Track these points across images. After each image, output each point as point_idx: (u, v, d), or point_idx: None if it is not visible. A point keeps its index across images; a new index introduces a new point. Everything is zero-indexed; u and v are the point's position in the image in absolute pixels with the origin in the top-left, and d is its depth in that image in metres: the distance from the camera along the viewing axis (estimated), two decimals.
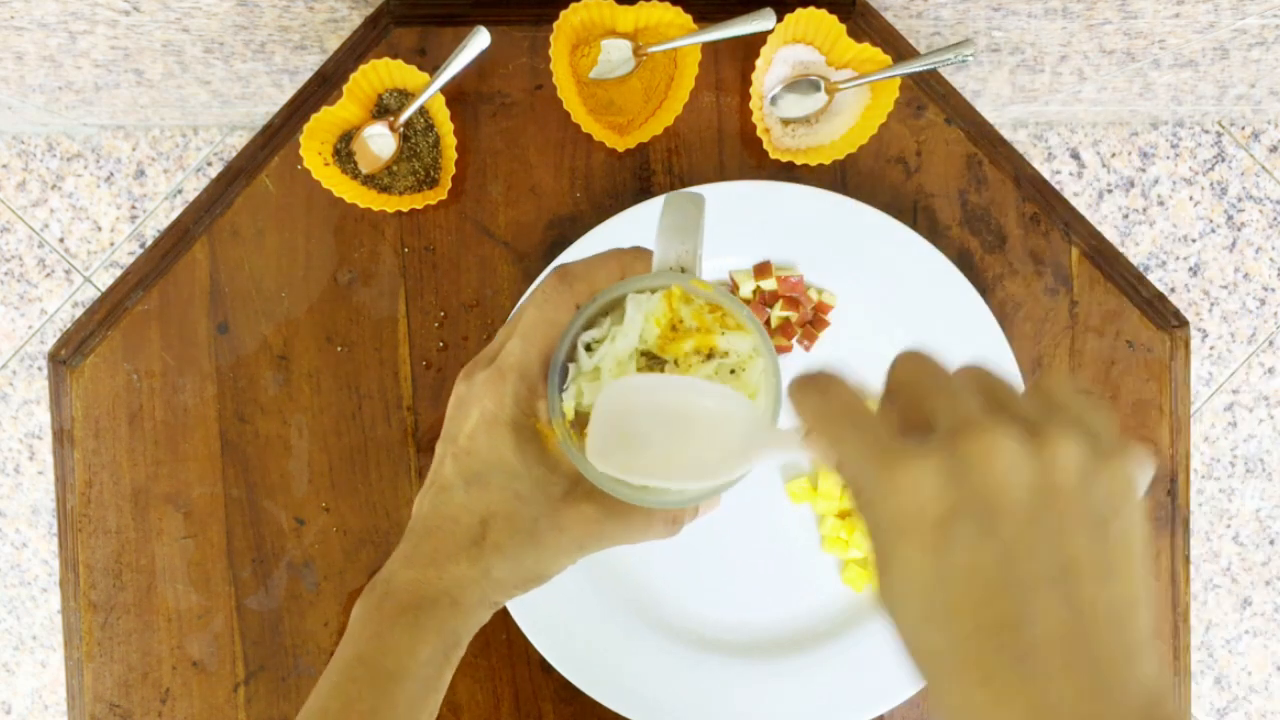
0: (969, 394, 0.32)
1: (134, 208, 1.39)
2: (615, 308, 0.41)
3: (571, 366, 0.41)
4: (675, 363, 0.40)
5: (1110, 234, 1.43)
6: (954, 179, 0.69)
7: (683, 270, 0.40)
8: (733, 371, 0.41)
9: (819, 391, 0.34)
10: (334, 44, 0.90)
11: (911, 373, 0.33)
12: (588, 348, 0.40)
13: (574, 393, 0.40)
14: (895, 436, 0.31)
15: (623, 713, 0.65)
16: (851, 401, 0.33)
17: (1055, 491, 0.29)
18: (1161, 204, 1.43)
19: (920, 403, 0.32)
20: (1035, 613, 0.29)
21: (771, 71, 0.67)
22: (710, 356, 0.40)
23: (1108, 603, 0.29)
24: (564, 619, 0.65)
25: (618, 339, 0.40)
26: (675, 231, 0.40)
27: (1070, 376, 0.31)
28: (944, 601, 0.30)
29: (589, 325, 0.40)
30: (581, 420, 0.40)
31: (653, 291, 0.41)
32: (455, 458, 0.41)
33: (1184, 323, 0.69)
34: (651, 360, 0.40)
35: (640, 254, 0.42)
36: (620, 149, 0.67)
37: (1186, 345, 0.69)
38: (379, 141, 0.66)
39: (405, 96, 0.67)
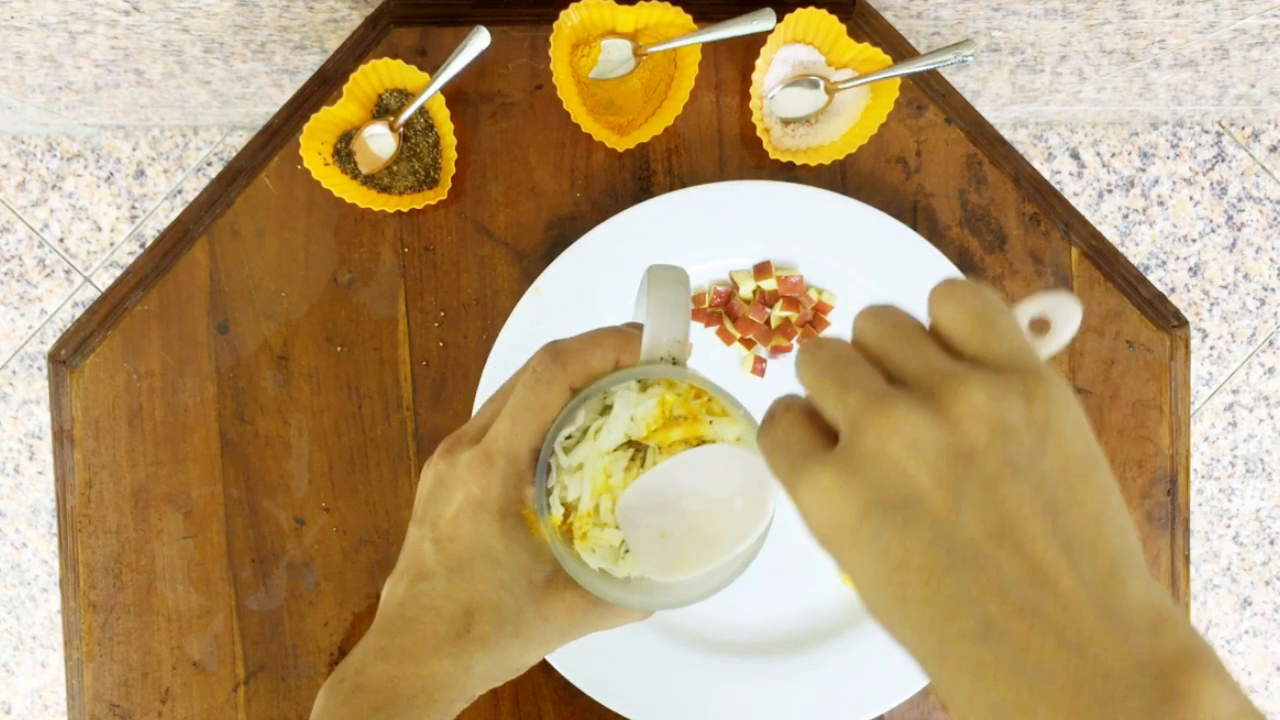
0: (865, 368, 0.30)
1: (134, 208, 1.39)
2: (595, 396, 0.39)
3: (552, 461, 0.39)
4: (658, 448, 0.39)
5: (1110, 234, 1.43)
6: (954, 179, 0.69)
7: (674, 361, 0.38)
8: None
9: (815, 348, 0.32)
10: (334, 44, 0.90)
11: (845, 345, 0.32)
12: (567, 439, 0.39)
13: (559, 490, 0.39)
14: (801, 453, 0.30)
15: (623, 713, 0.65)
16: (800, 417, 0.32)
17: (969, 454, 0.28)
18: (1161, 204, 1.43)
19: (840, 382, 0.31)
20: (982, 584, 0.27)
21: (771, 71, 0.67)
22: (699, 444, 0.39)
23: (1064, 536, 0.27)
24: None
25: (601, 435, 0.39)
26: (666, 313, 0.38)
27: (962, 293, 0.32)
28: (897, 598, 0.28)
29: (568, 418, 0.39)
30: (568, 514, 0.39)
31: (642, 385, 0.39)
32: (437, 543, 0.39)
33: (1184, 323, 0.69)
34: (635, 448, 0.39)
35: (634, 336, 0.39)
36: (620, 149, 0.67)
37: (1186, 345, 0.69)
38: (379, 141, 0.66)
39: (405, 96, 0.67)
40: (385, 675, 0.39)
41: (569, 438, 0.39)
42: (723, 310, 0.67)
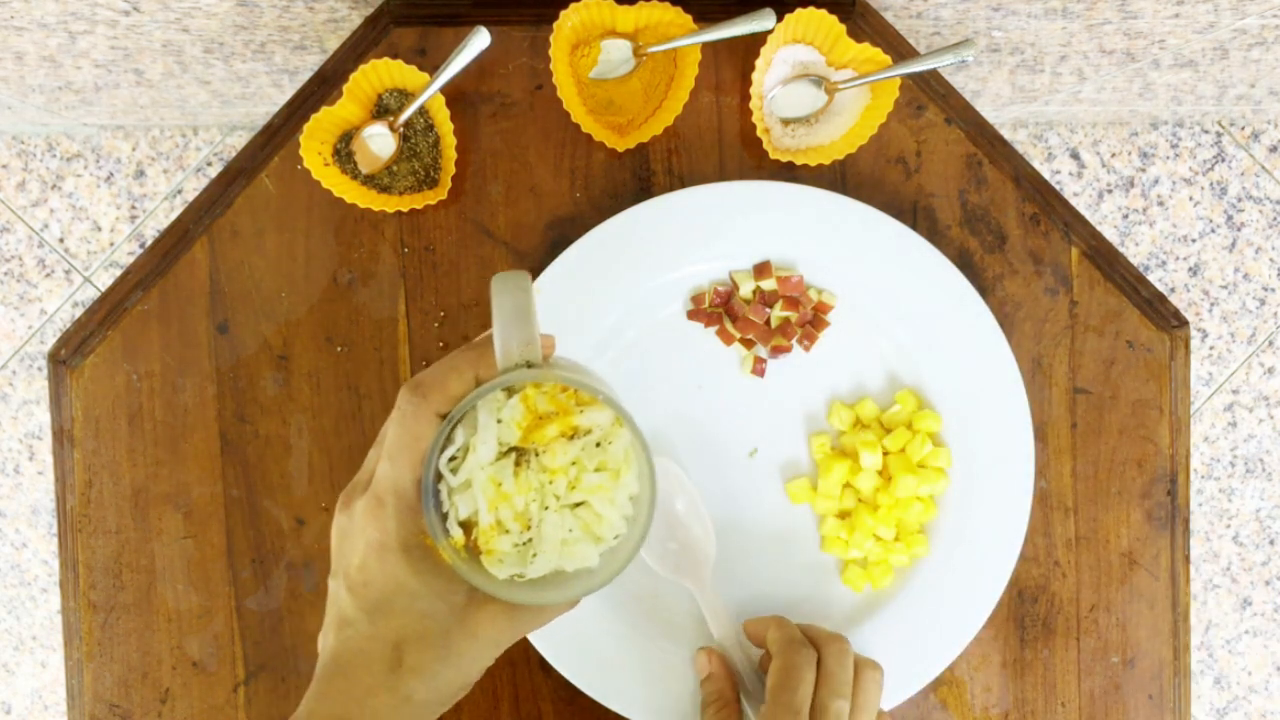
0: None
1: (134, 208, 1.39)
2: (468, 415, 0.41)
3: (441, 487, 0.41)
4: (537, 452, 0.41)
5: (1110, 234, 1.43)
6: (954, 179, 0.69)
7: (529, 364, 0.40)
8: (599, 445, 0.41)
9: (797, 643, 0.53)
10: (334, 44, 0.91)
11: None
12: (450, 460, 0.41)
13: (452, 511, 0.41)
14: None
15: (622, 712, 0.65)
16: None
17: None
18: (1161, 204, 1.43)
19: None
20: None
21: (771, 71, 0.67)
22: (574, 436, 0.41)
23: None
24: (563, 619, 0.65)
25: (478, 448, 0.40)
26: (510, 321, 0.40)
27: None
28: None
29: (447, 441, 0.41)
30: (470, 532, 0.41)
31: (508, 393, 0.41)
32: (351, 591, 0.41)
33: (1184, 323, 0.69)
34: (519, 453, 0.41)
35: (487, 350, 0.41)
36: (620, 149, 0.67)
37: (1186, 345, 0.69)
38: (379, 141, 0.66)
39: (405, 96, 0.67)
40: (330, 716, 0.41)
41: (453, 459, 0.41)
42: (723, 310, 0.67)
